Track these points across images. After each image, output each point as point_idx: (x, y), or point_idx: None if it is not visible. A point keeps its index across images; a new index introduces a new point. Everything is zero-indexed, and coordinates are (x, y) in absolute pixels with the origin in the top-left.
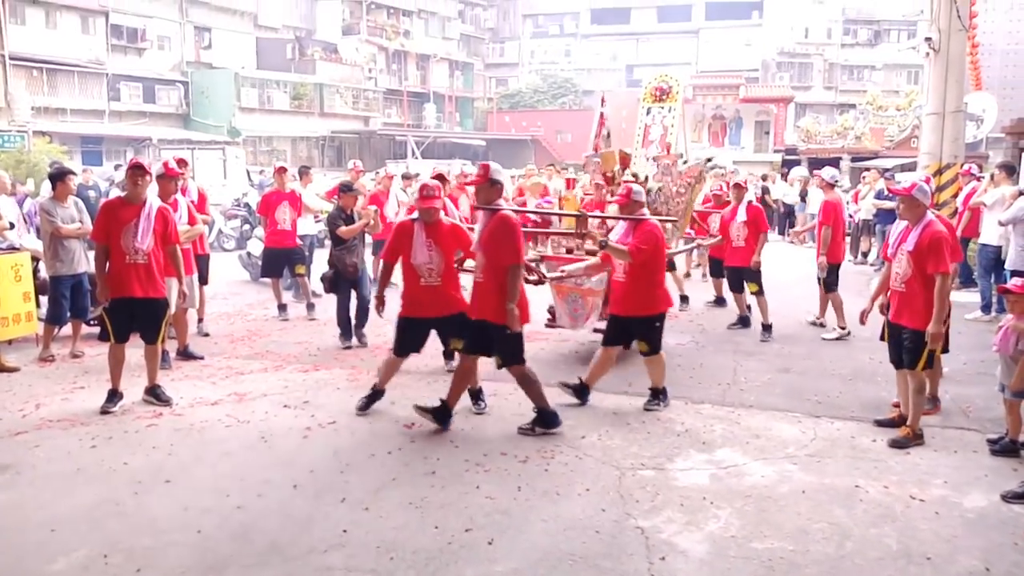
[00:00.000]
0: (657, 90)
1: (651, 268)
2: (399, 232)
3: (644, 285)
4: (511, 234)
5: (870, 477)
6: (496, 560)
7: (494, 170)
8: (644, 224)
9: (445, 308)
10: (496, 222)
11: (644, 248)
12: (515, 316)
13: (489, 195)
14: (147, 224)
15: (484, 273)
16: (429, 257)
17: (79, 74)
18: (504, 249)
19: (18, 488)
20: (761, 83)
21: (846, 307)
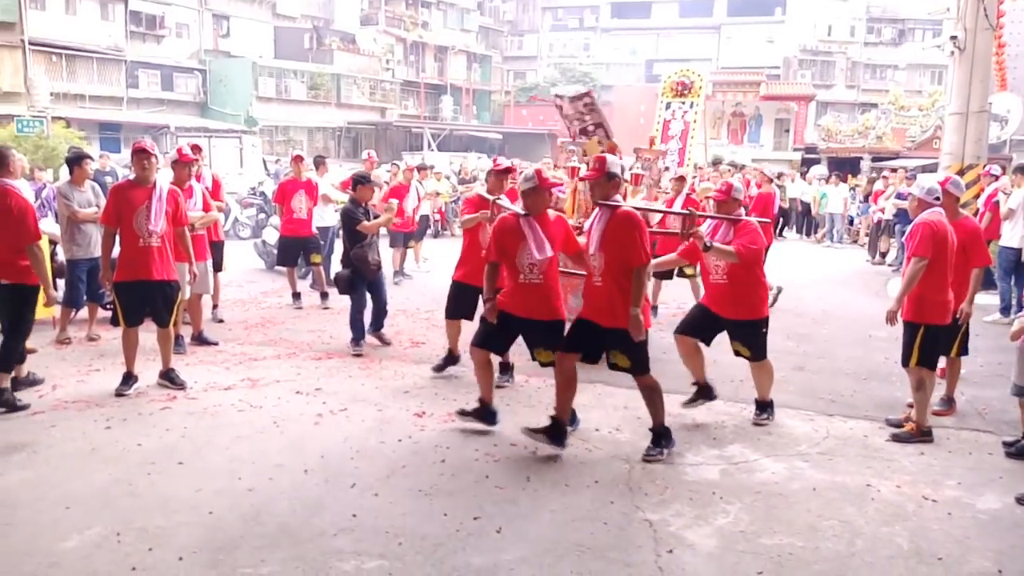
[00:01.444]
0: (678, 84)
1: (754, 269)
2: (502, 229)
3: (748, 287)
4: (637, 232)
5: (882, 476)
6: (504, 548)
7: (610, 162)
8: (746, 224)
9: (544, 312)
10: (618, 219)
11: (752, 248)
12: (640, 322)
13: (606, 190)
14: (159, 206)
15: (603, 276)
16: (541, 253)
17: (98, 60)
18: (629, 249)
19: (34, 467)
20: (782, 80)
21: (865, 307)
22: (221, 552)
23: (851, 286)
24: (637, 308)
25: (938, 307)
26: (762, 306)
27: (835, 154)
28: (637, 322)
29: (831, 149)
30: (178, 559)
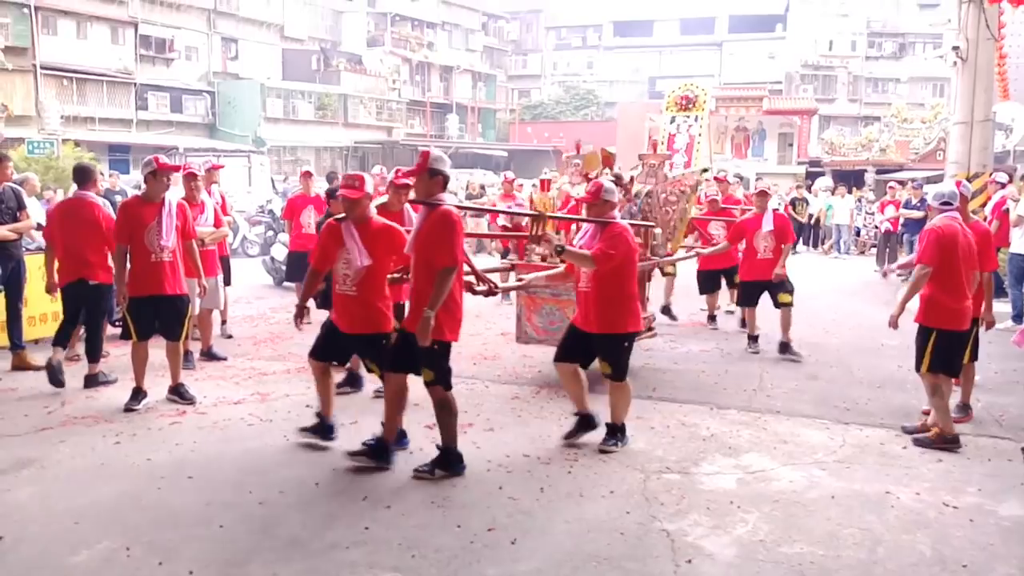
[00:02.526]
0: (683, 99)
1: (621, 279)
2: (327, 234)
3: (612, 298)
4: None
5: (901, 483)
6: (519, 559)
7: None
8: (613, 227)
9: (359, 325)
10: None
11: (612, 254)
12: (429, 325)
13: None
14: (170, 221)
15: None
16: (365, 259)
17: (108, 83)
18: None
19: (43, 482)
20: (785, 95)
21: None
22: (232, 565)
23: (860, 296)
24: (431, 310)
25: (952, 312)
26: (628, 320)
27: (839, 167)
28: (425, 323)
29: (835, 162)
30: (188, 573)
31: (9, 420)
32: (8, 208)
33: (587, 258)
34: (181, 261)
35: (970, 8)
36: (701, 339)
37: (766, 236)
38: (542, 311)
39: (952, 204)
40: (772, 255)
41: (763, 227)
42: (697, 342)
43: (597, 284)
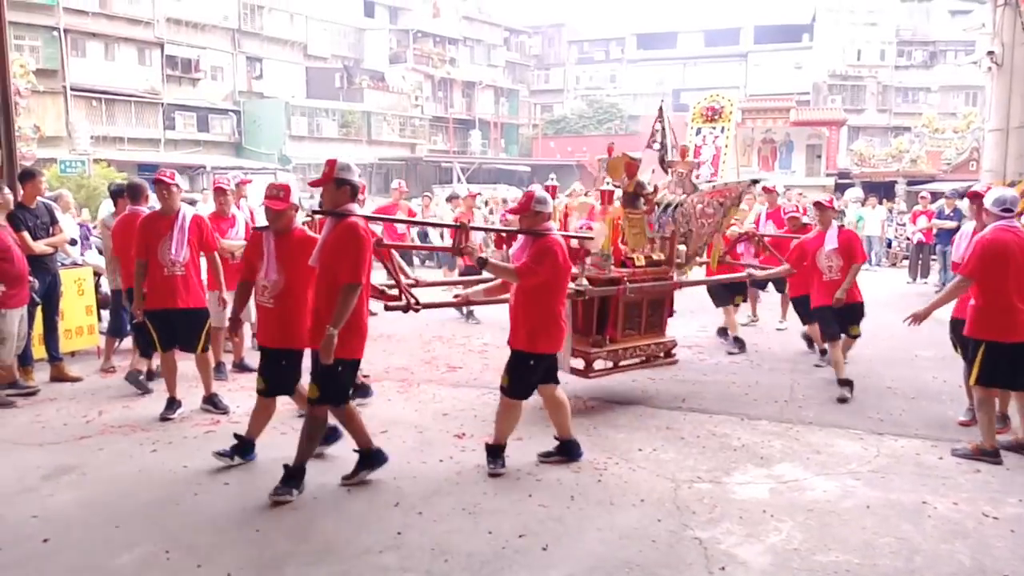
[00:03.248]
0: (708, 110)
1: (545, 296)
2: (251, 244)
3: (533, 315)
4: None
5: (938, 494)
6: (551, 565)
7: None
8: (544, 240)
9: (276, 339)
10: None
11: (535, 269)
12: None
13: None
14: (181, 236)
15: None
16: (274, 273)
17: (136, 104)
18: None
19: (84, 487)
20: (812, 106)
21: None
22: (268, 568)
23: (893, 307)
24: (334, 328)
25: (1001, 323)
26: (544, 341)
27: (869, 179)
28: (328, 341)
29: (865, 174)
30: (226, 575)
31: (50, 429)
32: (43, 223)
33: (510, 272)
34: (196, 275)
35: (1005, 11)
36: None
37: (830, 255)
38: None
39: (1013, 210)
40: (841, 275)
41: (826, 245)
42: (726, 354)
43: (521, 299)
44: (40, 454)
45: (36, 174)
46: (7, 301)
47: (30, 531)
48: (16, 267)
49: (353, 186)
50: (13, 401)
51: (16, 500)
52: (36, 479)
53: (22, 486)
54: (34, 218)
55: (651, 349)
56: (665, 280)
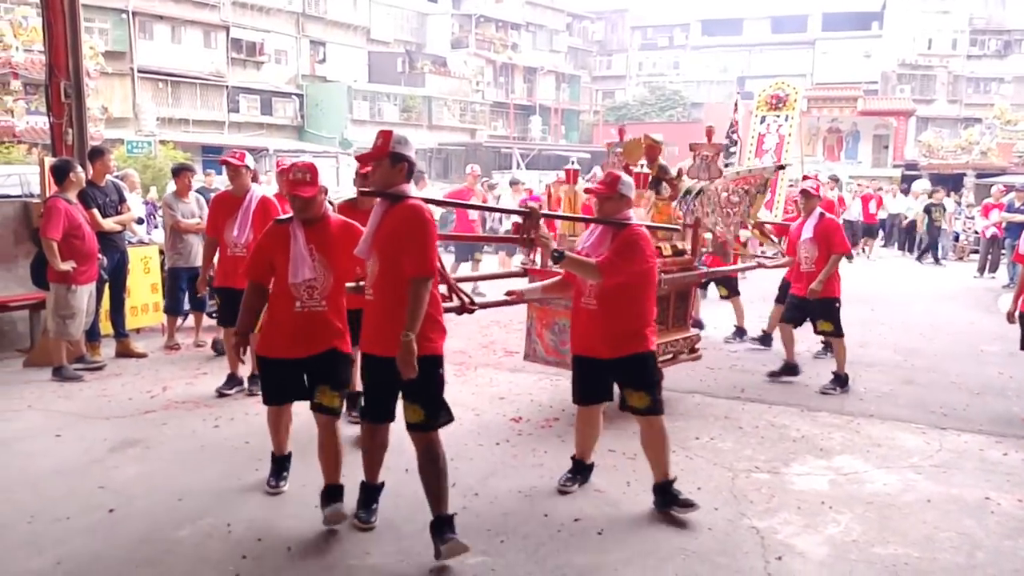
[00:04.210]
0: (773, 98)
1: (634, 294)
2: (266, 233)
3: (623, 316)
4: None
5: (1002, 490)
6: (606, 550)
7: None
8: (628, 230)
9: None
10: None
11: (620, 265)
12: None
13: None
14: (245, 218)
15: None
16: (308, 271)
17: (201, 86)
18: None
19: (148, 461)
20: (880, 96)
21: (976, 322)
22: (328, 544)
23: (959, 301)
24: (411, 333)
25: None
26: (641, 340)
27: (937, 171)
28: (407, 351)
29: (932, 165)
30: (287, 549)
31: (115, 403)
32: (111, 201)
33: (591, 268)
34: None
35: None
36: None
37: (806, 244)
38: (555, 327)
39: None
40: (816, 267)
41: (803, 234)
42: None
43: (603, 301)
44: (106, 427)
45: (104, 152)
46: (77, 277)
47: (97, 501)
48: (87, 244)
49: (411, 163)
50: (81, 375)
51: (83, 471)
52: (102, 451)
53: (89, 458)
54: (103, 196)
55: (679, 345)
56: (691, 271)
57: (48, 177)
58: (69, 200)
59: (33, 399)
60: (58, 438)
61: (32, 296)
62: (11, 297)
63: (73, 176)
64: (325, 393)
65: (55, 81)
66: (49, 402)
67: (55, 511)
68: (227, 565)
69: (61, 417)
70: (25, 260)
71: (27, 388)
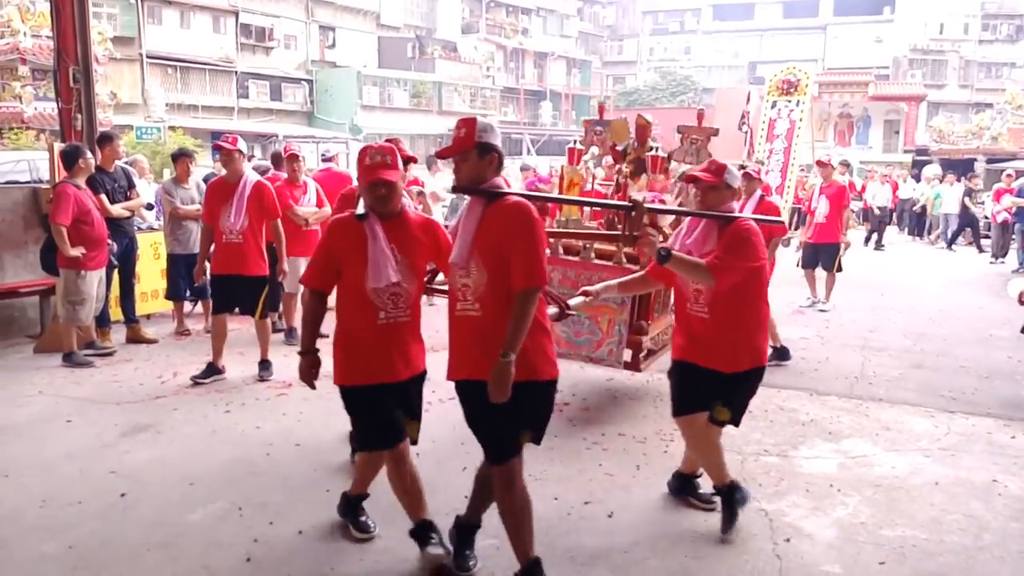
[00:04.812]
0: (784, 83)
1: (749, 298)
2: (332, 232)
3: (740, 325)
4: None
5: (1010, 473)
6: (617, 532)
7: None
8: (737, 225)
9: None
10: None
11: (734, 263)
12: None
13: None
14: (240, 203)
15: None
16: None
17: (210, 72)
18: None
19: (159, 446)
20: (892, 81)
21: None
22: (338, 528)
23: (969, 286)
24: (511, 354)
25: None
26: (755, 352)
27: (948, 156)
28: (504, 374)
29: (943, 151)
30: (298, 532)
31: (127, 388)
32: (120, 187)
33: (702, 269)
34: (255, 242)
35: None
36: (799, 326)
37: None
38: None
39: None
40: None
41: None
42: (795, 328)
43: (716, 308)
44: (117, 412)
45: (113, 137)
46: (87, 263)
47: (108, 486)
48: (96, 230)
49: (500, 155)
50: (91, 361)
51: (95, 456)
52: (114, 436)
53: (100, 443)
54: (112, 182)
55: (671, 334)
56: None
57: (57, 163)
58: (78, 186)
59: (44, 385)
60: (69, 423)
61: (42, 282)
62: (21, 283)
63: (82, 162)
64: (412, 426)
65: (64, 66)
66: (60, 388)
67: (67, 495)
68: (239, 548)
69: (72, 402)
70: (35, 246)
71: (38, 374)
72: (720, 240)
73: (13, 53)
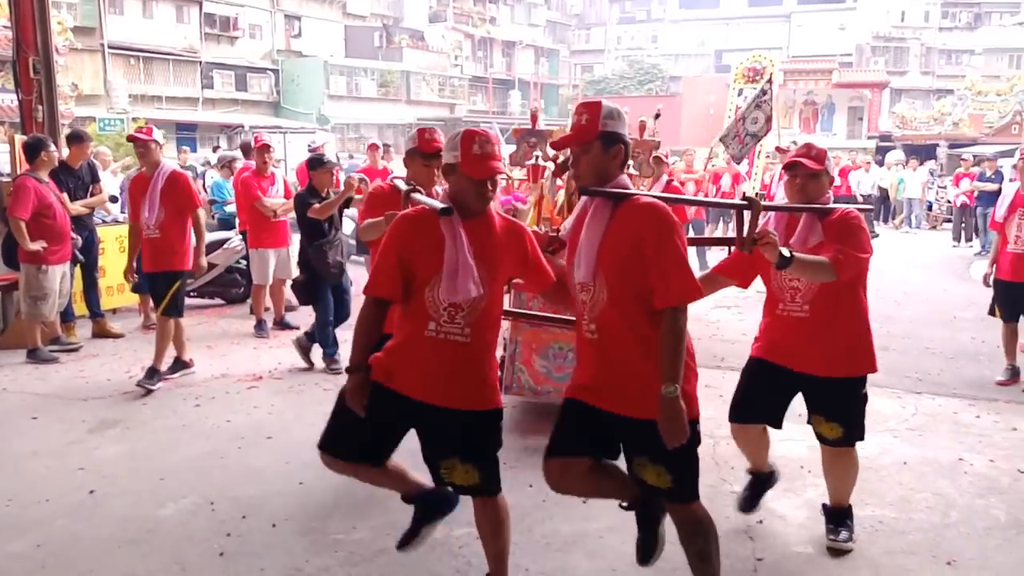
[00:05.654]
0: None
1: (855, 293)
2: (401, 230)
3: (848, 324)
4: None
5: (974, 451)
6: (591, 518)
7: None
8: (843, 214)
9: (469, 398)
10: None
11: (855, 256)
12: (677, 411)
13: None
14: (153, 197)
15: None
16: (472, 287)
17: (174, 62)
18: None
19: (128, 441)
20: (855, 68)
21: (949, 289)
22: (313, 520)
23: (933, 270)
24: (674, 385)
25: None
26: (864, 357)
27: (910, 141)
28: (673, 410)
29: (906, 136)
30: (271, 526)
31: (93, 384)
32: (83, 183)
33: (826, 267)
34: (172, 236)
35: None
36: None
37: None
38: (547, 352)
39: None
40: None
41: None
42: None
43: (819, 306)
44: (84, 408)
45: (85, 138)
46: (48, 257)
47: (77, 482)
48: (58, 223)
49: (627, 146)
50: (56, 357)
51: (63, 452)
52: (82, 432)
53: (68, 439)
54: (75, 179)
55: None
56: None
57: (19, 155)
58: (39, 179)
59: (8, 382)
60: (35, 420)
61: (4, 277)
62: None
63: (45, 155)
64: (455, 469)
65: (23, 57)
66: (24, 384)
67: (34, 493)
68: (211, 543)
69: (37, 399)
70: None
71: (1, 371)
72: (829, 232)
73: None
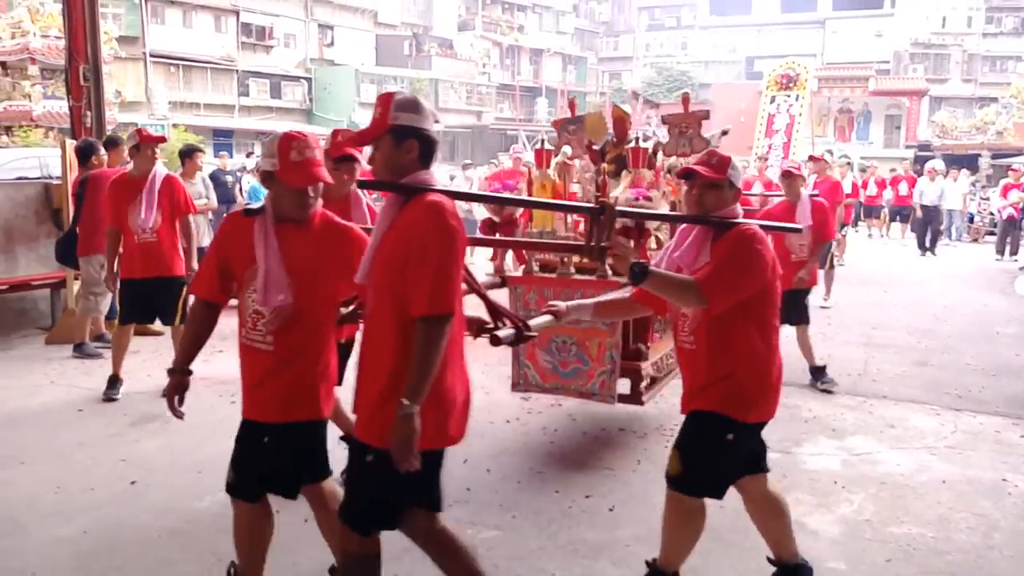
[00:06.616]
0: (783, 77)
1: (746, 322)
2: (224, 230)
3: (727, 355)
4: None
5: (1019, 472)
6: (617, 526)
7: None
8: (738, 231)
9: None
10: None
11: (732, 280)
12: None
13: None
14: (151, 199)
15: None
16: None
17: (212, 70)
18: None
19: (167, 435)
20: (893, 75)
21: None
22: None
23: (973, 283)
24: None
25: None
26: (749, 399)
27: (951, 151)
28: (404, 430)
29: (946, 146)
30: (303, 521)
31: (135, 379)
32: None
33: (689, 289)
34: (171, 241)
35: None
36: None
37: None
38: (551, 345)
39: None
40: (808, 253)
41: (798, 220)
42: None
43: (703, 338)
44: (126, 403)
45: (119, 142)
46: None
47: (120, 473)
48: None
49: (424, 139)
50: (100, 353)
51: (106, 444)
52: (123, 426)
53: (110, 432)
54: None
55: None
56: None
57: (71, 159)
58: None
59: (55, 375)
60: (80, 412)
61: (54, 275)
62: (34, 276)
63: (95, 158)
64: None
65: (74, 65)
66: (71, 378)
67: (80, 482)
68: None
69: (83, 393)
70: (47, 240)
71: (49, 365)
72: (715, 251)
73: (23, 53)
